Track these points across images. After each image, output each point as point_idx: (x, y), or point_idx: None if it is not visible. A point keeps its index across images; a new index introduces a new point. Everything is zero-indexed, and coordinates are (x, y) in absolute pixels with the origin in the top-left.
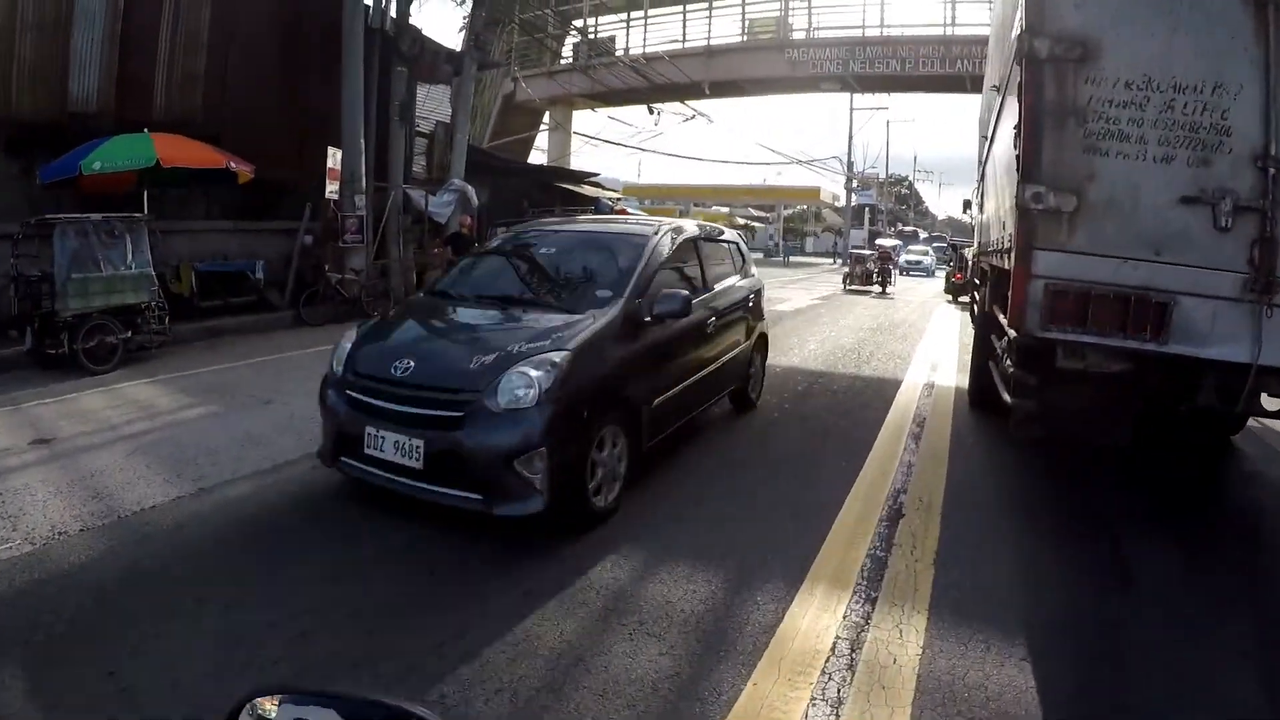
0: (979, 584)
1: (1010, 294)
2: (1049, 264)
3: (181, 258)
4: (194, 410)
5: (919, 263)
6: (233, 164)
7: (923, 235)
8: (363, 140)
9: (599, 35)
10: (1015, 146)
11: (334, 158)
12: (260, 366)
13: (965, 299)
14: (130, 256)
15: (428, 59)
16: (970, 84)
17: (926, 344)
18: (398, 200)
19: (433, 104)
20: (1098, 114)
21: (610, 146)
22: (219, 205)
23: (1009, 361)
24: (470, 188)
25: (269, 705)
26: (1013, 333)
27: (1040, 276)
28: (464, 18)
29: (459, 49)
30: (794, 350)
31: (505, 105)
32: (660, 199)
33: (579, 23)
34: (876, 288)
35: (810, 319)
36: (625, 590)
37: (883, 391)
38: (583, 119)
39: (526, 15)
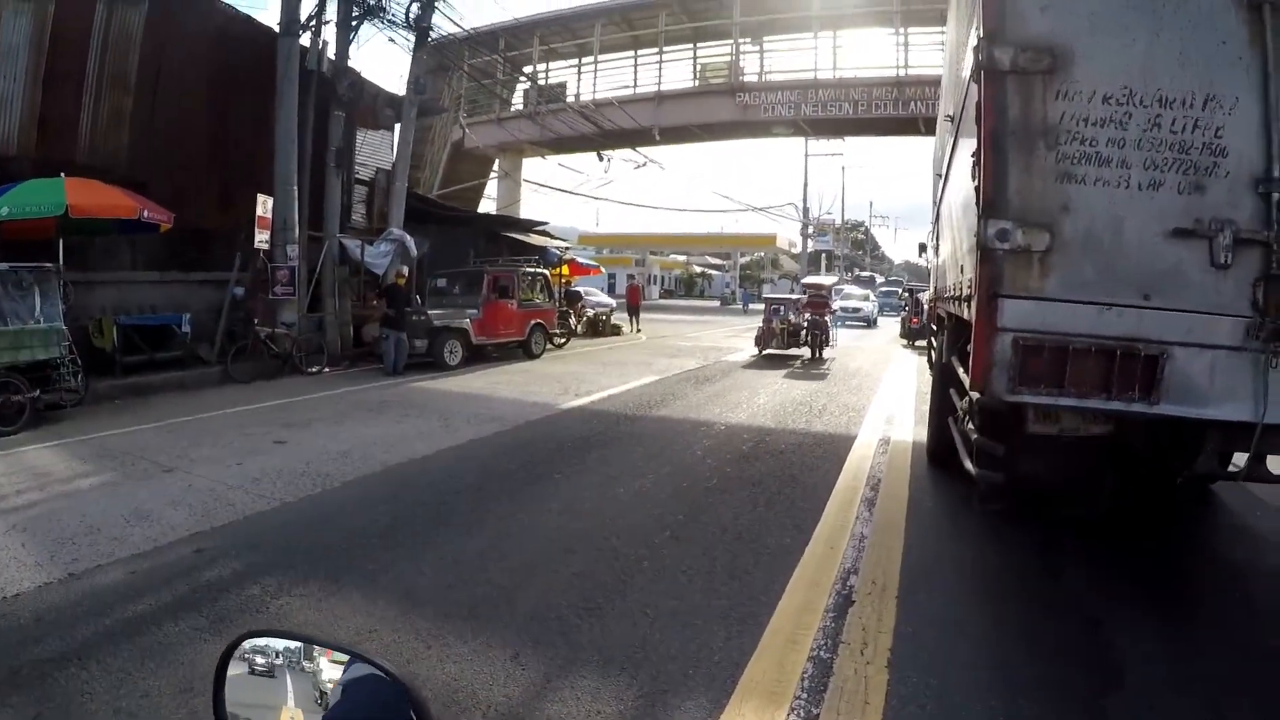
0: (941, 692)
1: (972, 349)
2: (1018, 314)
3: (106, 310)
4: (90, 479)
5: (857, 311)
6: (147, 213)
7: (879, 280)
8: (296, 187)
9: (549, 82)
10: (974, 178)
11: (264, 205)
12: (175, 429)
13: (922, 343)
14: (39, 309)
15: (367, 103)
16: (924, 126)
17: (882, 394)
18: (333, 250)
19: (372, 150)
20: (1071, 134)
21: (567, 196)
22: (146, 255)
23: (971, 425)
24: (409, 238)
25: (259, 642)
26: (975, 394)
27: (1008, 329)
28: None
29: (402, 93)
30: (741, 406)
31: (454, 152)
32: (618, 248)
33: (528, 69)
34: (805, 351)
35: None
36: (516, 714)
37: (835, 449)
38: (534, 167)
39: (475, 61)
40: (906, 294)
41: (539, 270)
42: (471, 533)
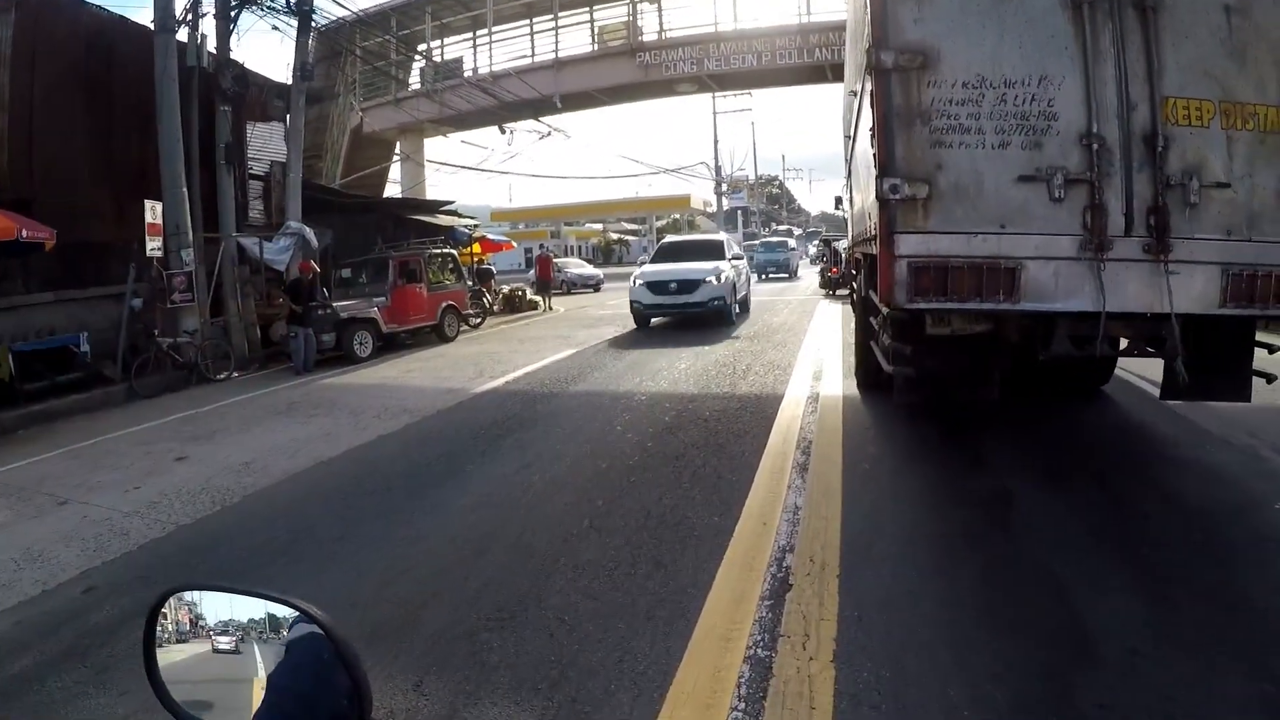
0: (895, 687)
1: (879, 274)
2: (910, 245)
3: (1, 338)
4: None
5: (778, 261)
6: (25, 233)
7: (797, 232)
8: (185, 189)
9: (445, 59)
10: (872, 146)
11: (152, 211)
12: (77, 455)
13: (844, 293)
14: None
15: (256, 95)
16: (831, 73)
17: (808, 349)
18: (231, 251)
19: (265, 143)
20: (940, 112)
21: (480, 176)
22: (40, 275)
23: (886, 336)
24: (308, 230)
25: (187, 597)
26: (885, 309)
27: (903, 256)
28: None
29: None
30: (662, 374)
31: (354, 139)
32: (534, 221)
33: (423, 46)
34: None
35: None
36: None
37: (762, 412)
38: (439, 147)
39: (368, 43)
40: (823, 244)
41: (447, 251)
42: (376, 543)
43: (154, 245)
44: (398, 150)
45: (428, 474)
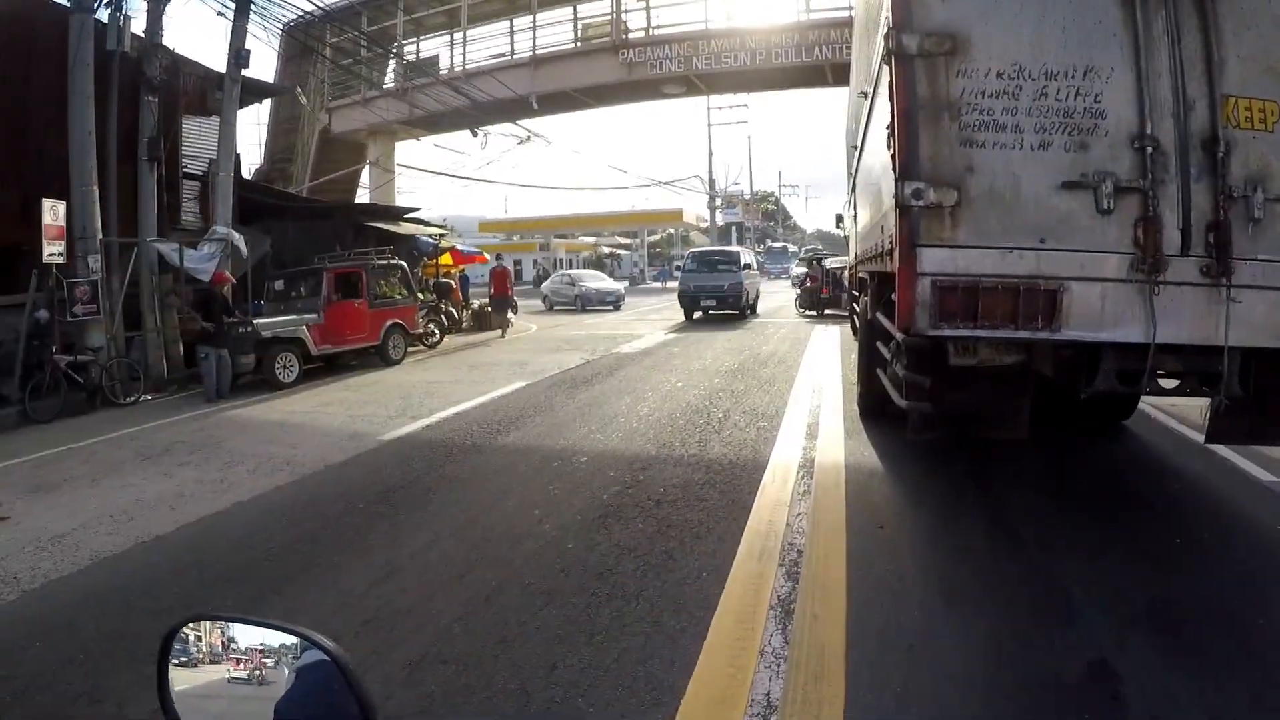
0: None
1: (897, 295)
2: (934, 260)
3: None
4: None
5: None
6: None
7: (793, 249)
8: (95, 187)
9: (420, 58)
10: (889, 146)
11: (53, 211)
12: None
13: (833, 312)
14: None
15: (193, 85)
16: (832, 75)
17: (802, 386)
18: (149, 258)
19: (204, 139)
20: (971, 106)
21: (468, 185)
22: None
23: (899, 365)
24: (237, 235)
25: (202, 627)
26: (900, 335)
27: (926, 274)
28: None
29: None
30: (618, 421)
31: (323, 141)
32: (528, 232)
33: (396, 45)
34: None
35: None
36: None
37: (735, 491)
38: (414, 151)
39: (338, 40)
40: (815, 262)
41: (394, 262)
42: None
43: (52, 250)
44: (368, 153)
45: (253, 582)
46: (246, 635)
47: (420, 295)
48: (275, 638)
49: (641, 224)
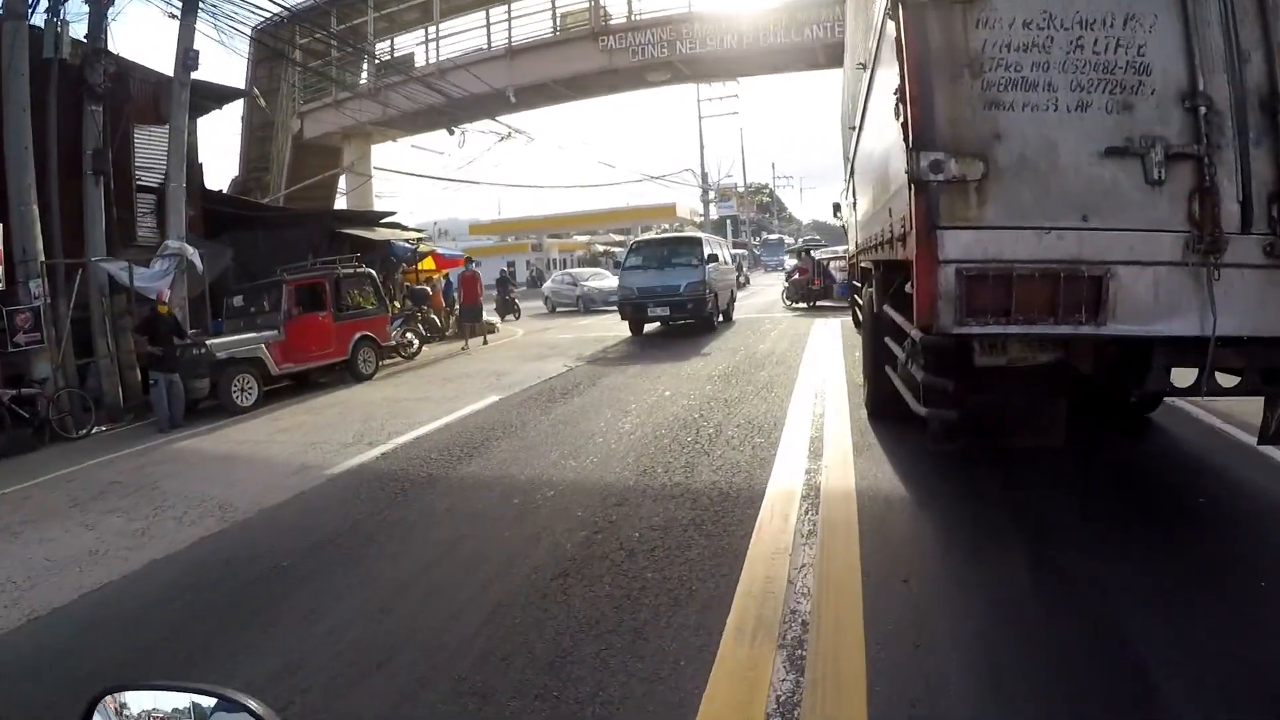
0: None
1: (915, 287)
2: (959, 245)
3: None
4: None
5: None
6: None
7: (789, 241)
8: (35, 206)
9: (395, 55)
10: (899, 114)
11: None
12: None
13: (825, 303)
14: None
15: (144, 92)
16: (824, 56)
17: (803, 392)
18: (99, 279)
19: (156, 149)
20: (996, 61)
21: (459, 187)
22: None
23: (916, 366)
24: (191, 249)
25: (121, 699)
26: (918, 333)
27: (950, 261)
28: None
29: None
30: (594, 442)
31: (297, 147)
32: (521, 233)
33: (367, 43)
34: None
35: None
36: None
37: (724, 534)
38: (393, 154)
39: (305, 40)
40: (804, 253)
41: (361, 270)
42: None
43: None
44: (344, 158)
45: (133, 669)
46: (167, 701)
47: (396, 304)
48: (197, 700)
49: (634, 220)
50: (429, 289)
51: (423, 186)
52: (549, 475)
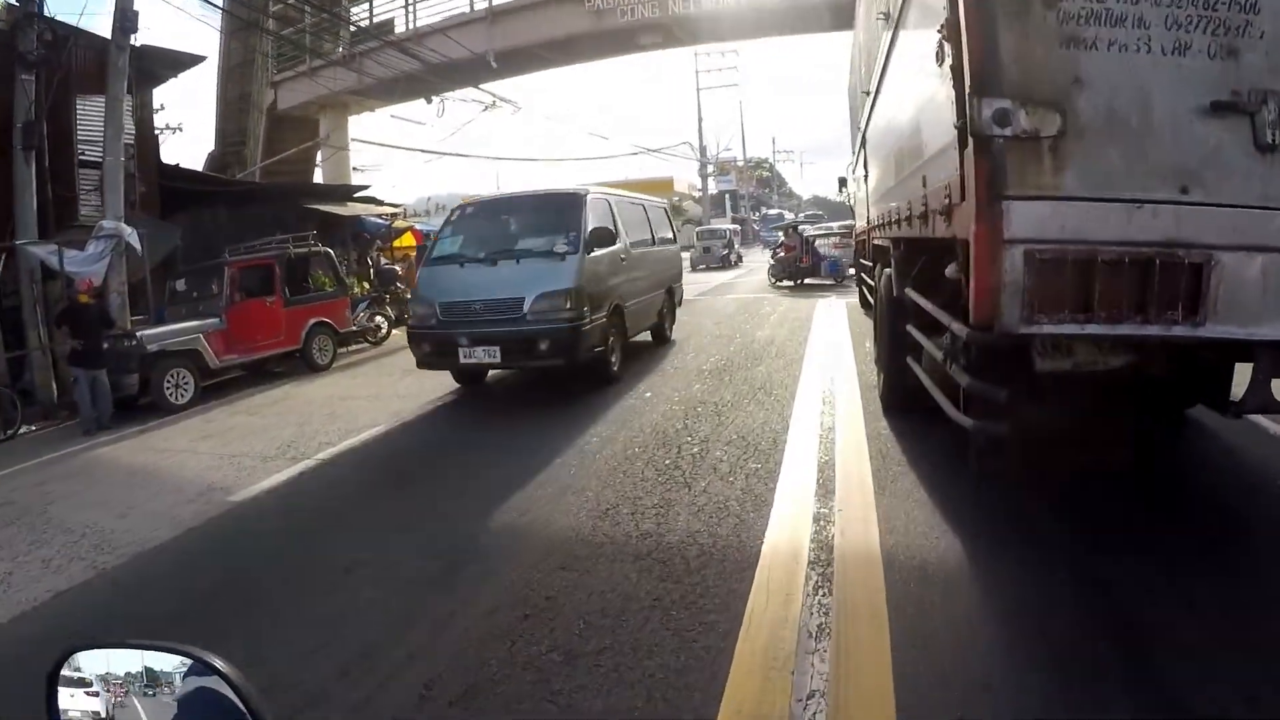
0: None
1: (972, 271)
2: (1031, 220)
3: None
4: None
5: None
6: None
7: (790, 217)
8: None
9: (370, 19)
10: (941, 59)
11: None
12: None
13: (813, 281)
14: None
15: (86, 60)
16: (830, 16)
17: (808, 393)
18: (31, 263)
19: (95, 120)
20: None
21: (447, 160)
22: None
23: (957, 367)
24: (129, 229)
25: (87, 657)
26: (963, 329)
27: (1018, 240)
28: None
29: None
30: (545, 455)
31: (272, 120)
32: None
33: (340, 7)
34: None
35: None
36: None
37: (699, 629)
38: (378, 127)
39: (278, 7)
40: (791, 230)
41: (316, 249)
42: None
43: None
44: (321, 130)
45: None
46: (132, 660)
47: (366, 284)
48: (165, 660)
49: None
50: (398, 268)
51: (414, 161)
52: (488, 513)
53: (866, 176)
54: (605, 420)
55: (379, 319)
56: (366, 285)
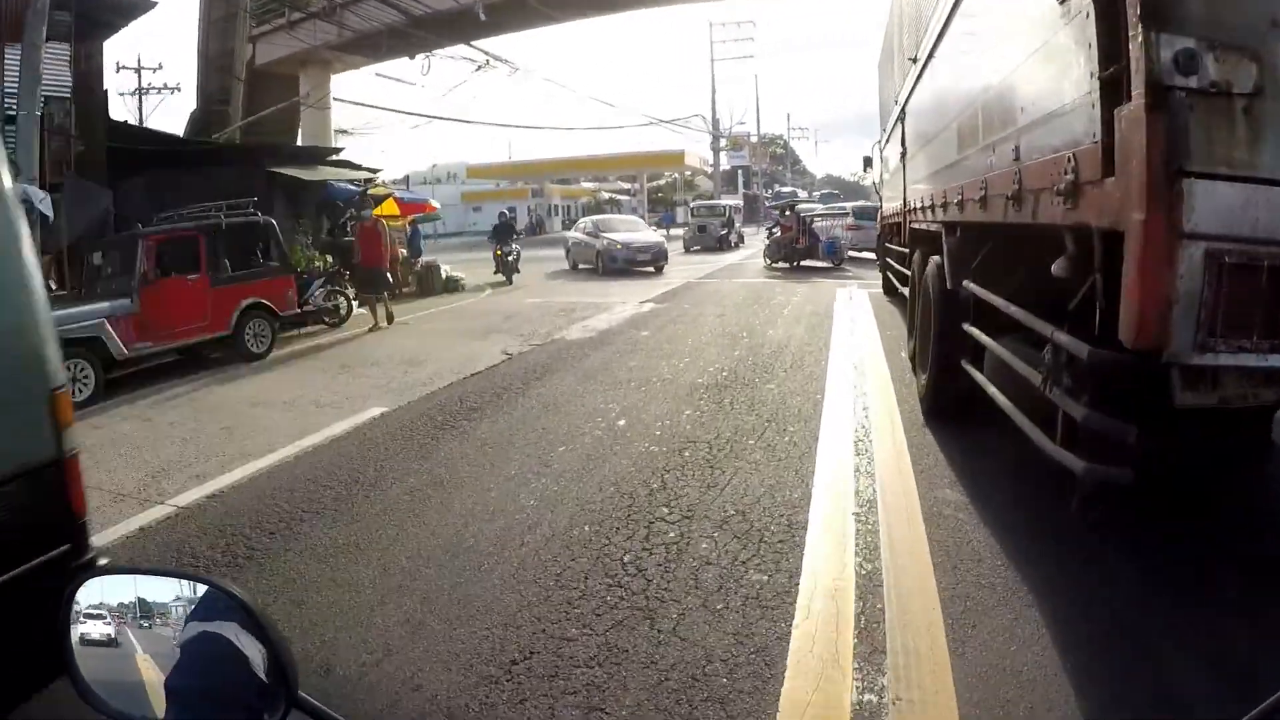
0: None
1: (1130, 276)
2: (1219, 207)
3: None
4: None
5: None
6: None
7: (803, 195)
8: None
9: None
10: None
11: None
12: None
13: (810, 262)
14: None
15: (10, 7)
16: None
17: (834, 421)
18: None
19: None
20: None
21: (448, 126)
22: None
23: (1063, 391)
24: (42, 195)
25: (99, 579)
26: (1081, 348)
27: (1201, 236)
28: None
29: None
30: (495, 521)
31: (252, 78)
32: (530, 177)
33: None
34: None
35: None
36: None
37: None
38: (368, 87)
39: None
40: (787, 210)
41: (254, 219)
42: None
43: None
44: (301, 87)
45: None
46: (149, 587)
47: (329, 258)
48: (180, 587)
49: (640, 167)
50: (356, 241)
51: (410, 126)
52: (378, 630)
53: (904, 154)
54: (556, 469)
55: (341, 299)
56: (329, 259)
